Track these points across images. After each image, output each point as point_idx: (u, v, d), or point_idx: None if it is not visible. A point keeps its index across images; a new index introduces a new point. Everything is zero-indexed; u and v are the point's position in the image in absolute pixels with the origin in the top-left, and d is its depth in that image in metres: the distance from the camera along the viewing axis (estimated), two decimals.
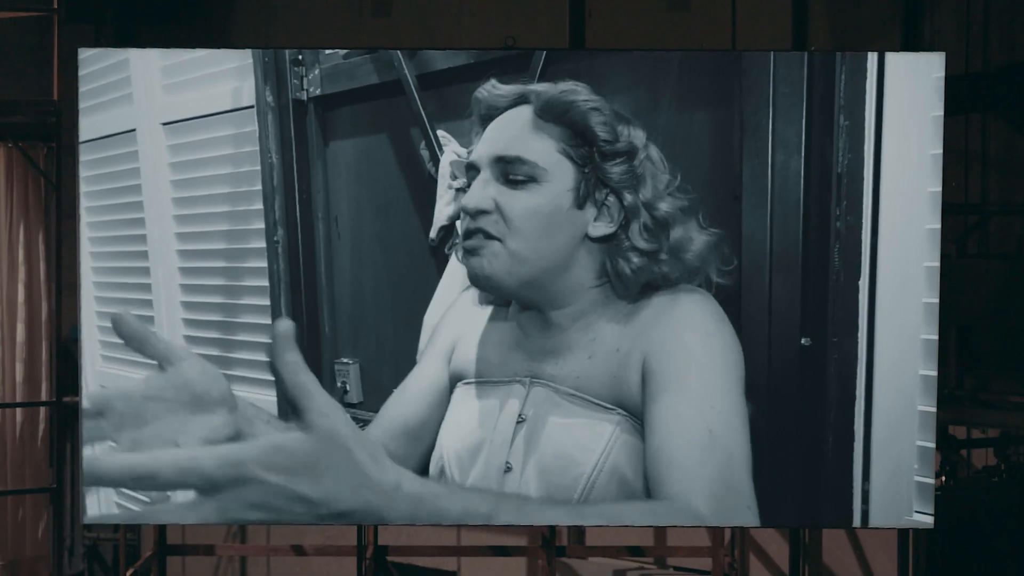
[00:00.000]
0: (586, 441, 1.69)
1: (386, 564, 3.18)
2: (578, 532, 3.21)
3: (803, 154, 1.90)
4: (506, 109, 1.75)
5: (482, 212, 1.68)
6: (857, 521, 1.97)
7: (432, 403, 1.87)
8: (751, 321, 1.92)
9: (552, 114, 1.68)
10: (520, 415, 1.75)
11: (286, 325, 0.86)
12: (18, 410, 3.53)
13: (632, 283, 1.71)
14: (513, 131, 1.69)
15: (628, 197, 1.69)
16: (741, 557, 3.25)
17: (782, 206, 1.91)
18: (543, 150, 1.67)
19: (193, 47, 2.29)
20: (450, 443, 1.80)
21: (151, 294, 2.43)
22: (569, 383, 1.74)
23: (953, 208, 2.78)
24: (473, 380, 1.84)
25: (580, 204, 1.69)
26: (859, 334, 1.94)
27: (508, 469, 1.73)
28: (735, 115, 1.93)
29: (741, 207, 1.93)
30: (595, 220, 1.70)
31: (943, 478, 2.69)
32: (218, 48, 2.32)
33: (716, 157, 1.94)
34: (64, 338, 2.98)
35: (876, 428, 1.95)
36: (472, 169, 1.75)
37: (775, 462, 1.94)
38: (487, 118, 1.77)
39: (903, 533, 2.79)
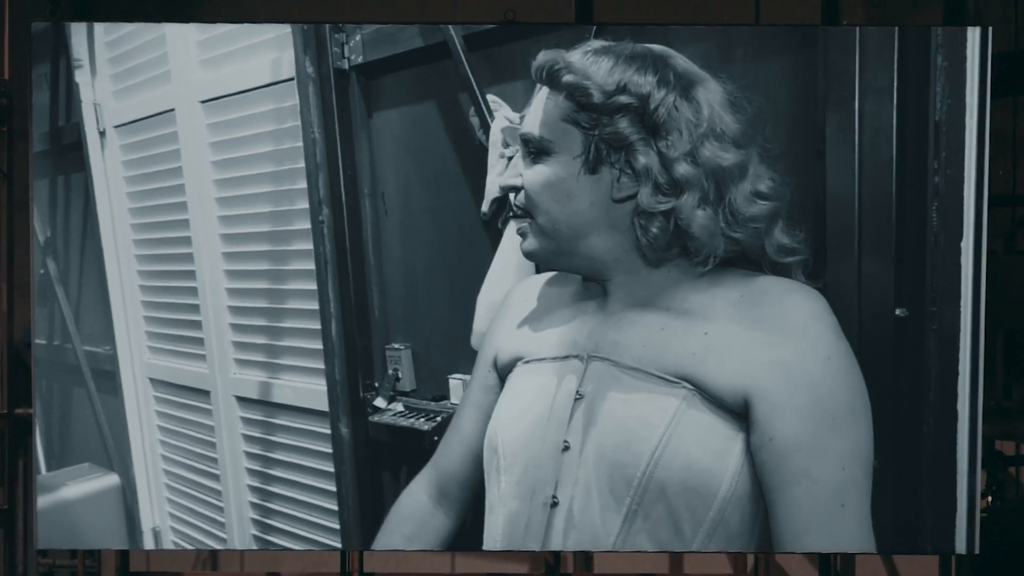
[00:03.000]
0: (648, 416, 1.54)
1: None
2: (585, 557, 2.96)
3: (896, 101, 1.70)
4: None
5: (512, 189, 1.66)
6: (962, 546, 1.75)
7: (483, 412, 1.79)
8: (839, 290, 1.73)
9: (550, 84, 1.61)
10: (578, 392, 1.61)
11: None
12: None
13: (648, 249, 1.59)
14: (534, 108, 1.65)
15: (640, 156, 1.56)
16: None
17: (872, 161, 1.71)
18: (549, 121, 1.61)
19: (158, 21, 2.16)
20: (504, 423, 1.68)
21: (195, 281, 2.34)
22: (634, 351, 1.59)
23: (1000, 199, 2.51)
24: (531, 359, 1.71)
25: (592, 169, 1.59)
26: (962, 302, 1.73)
27: (566, 448, 1.60)
28: (817, 60, 1.74)
29: (825, 164, 1.74)
30: (617, 182, 1.59)
31: (989, 498, 2.45)
32: (252, 23, 2.19)
33: (796, 109, 1.76)
34: (16, 343, 2.76)
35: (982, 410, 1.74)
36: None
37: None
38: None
39: (944, 559, 2.49)
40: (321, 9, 2.39)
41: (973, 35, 1.71)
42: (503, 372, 1.77)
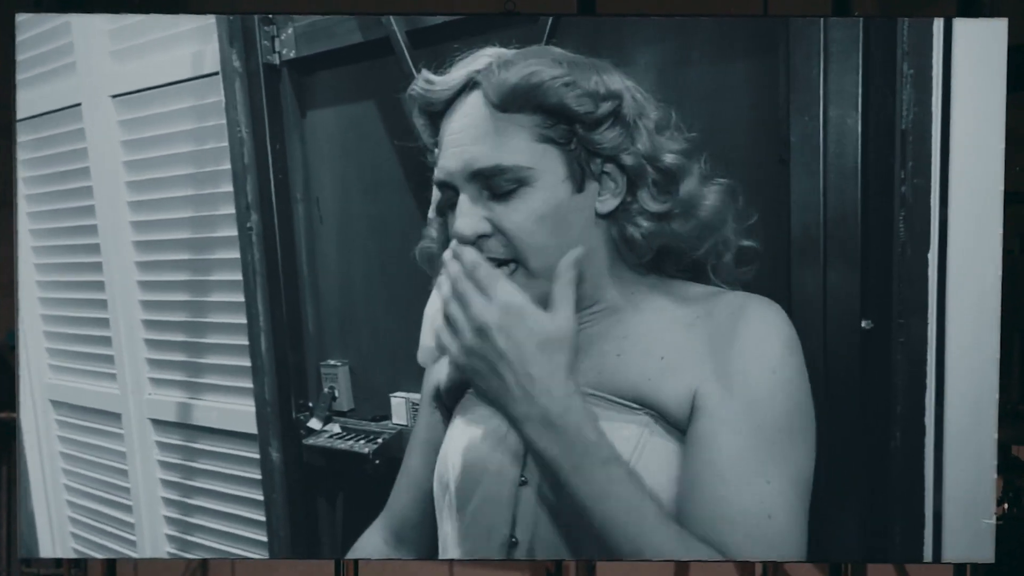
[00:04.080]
0: None
1: None
2: (587, 566, 2.91)
3: (860, 109, 1.65)
4: (450, 101, 1.46)
5: (482, 236, 1.42)
6: (928, 554, 1.71)
7: (432, 448, 1.64)
8: (803, 302, 1.68)
9: (516, 104, 1.40)
10: None
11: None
12: None
13: (644, 249, 1.47)
14: (477, 134, 1.41)
15: (627, 158, 1.44)
16: None
17: (837, 169, 1.67)
18: (520, 147, 1.40)
19: (146, 12, 2.00)
20: (455, 458, 1.54)
21: (105, 293, 2.14)
22: (589, 379, 1.48)
23: (1018, 197, 2.50)
24: None
25: (580, 187, 1.44)
26: (928, 314, 1.69)
27: (523, 483, 1.47)
28: (780, 65, 1.68)
29: (789, 172, 1.68)
30: (600, 195, 1.45)
31: (1005, 506, 2.43)
32: (173, 14, 2.01)
33: (758, 115, 1.70)
34: (0, 345, 2.68)
35: (949, 423, 1.71)
36: (447, 188, 1.47)
37: (833, 471, 1.69)
38: (430, 114, 1.50)
39: (959, 568, 2.49)
40: (312, 1, 2.23)
41: (938, 27, 1.66)
42: (450, 402, 1.64)
